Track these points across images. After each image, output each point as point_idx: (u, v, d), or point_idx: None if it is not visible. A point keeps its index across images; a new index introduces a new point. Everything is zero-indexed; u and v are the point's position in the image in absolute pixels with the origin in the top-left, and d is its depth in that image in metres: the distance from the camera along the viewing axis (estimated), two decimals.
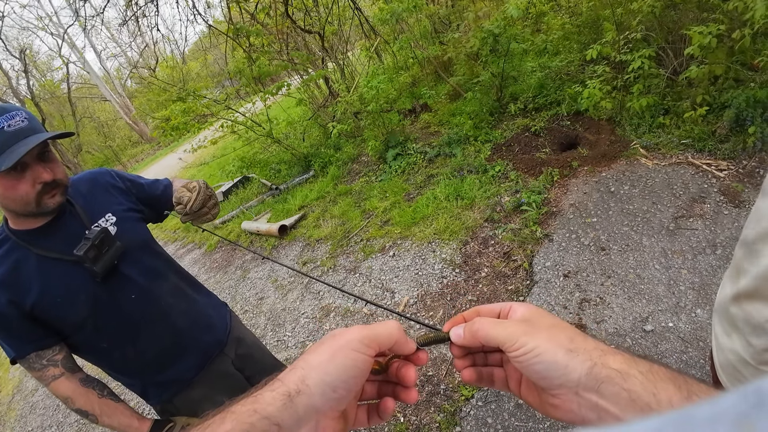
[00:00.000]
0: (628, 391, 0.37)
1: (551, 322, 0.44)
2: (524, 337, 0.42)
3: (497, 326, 0.45)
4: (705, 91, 3.39)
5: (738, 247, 0.78)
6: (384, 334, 0.45)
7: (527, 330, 0.43)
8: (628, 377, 0.38)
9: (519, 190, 3.71)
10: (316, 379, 0.41)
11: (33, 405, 4.17)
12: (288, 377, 0.42)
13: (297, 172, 6.54)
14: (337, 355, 0.42)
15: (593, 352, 0.41)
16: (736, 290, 0.77)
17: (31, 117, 1.11)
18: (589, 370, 0.39)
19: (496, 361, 0.52)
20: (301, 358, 0.44)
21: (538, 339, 0.42)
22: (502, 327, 0.45)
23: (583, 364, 0.40)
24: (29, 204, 1.13)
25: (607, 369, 0.39)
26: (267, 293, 4.04)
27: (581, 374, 0.39)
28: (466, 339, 0.47)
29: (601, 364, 0.39)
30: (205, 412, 1.38)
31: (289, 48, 6.82)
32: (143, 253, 1.38)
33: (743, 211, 2.70)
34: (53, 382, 1.21)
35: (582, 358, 0.40)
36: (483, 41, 4.63)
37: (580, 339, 0.42)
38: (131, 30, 13.91)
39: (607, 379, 0.38)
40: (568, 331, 0.43)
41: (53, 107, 24.59)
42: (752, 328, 0.73)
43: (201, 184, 1.34)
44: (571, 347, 0.41)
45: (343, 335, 0.44)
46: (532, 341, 0.42)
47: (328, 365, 0.42)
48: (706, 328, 2.15)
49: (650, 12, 3.48)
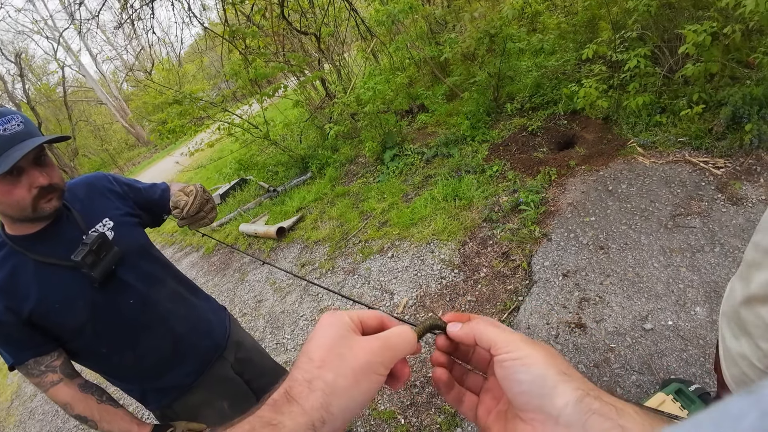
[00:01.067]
0: (623, 427, 0.33)
1: (551, 348, 0.41)
2: (521, 343, 0.40)
3: (496, 328, 0.43)
4: (701, 89, 3.40)
5: (749, 249, 0.78)
6: (402, 352, 0.43)
7: (526, 340, 0.41)
8: (623, 413, 0.34)
9: (517, 189, 3.72)
10: (341, 406, 0.39)
11: (32, 410, 4.15)
12: (309, 402, 0.38)
13: (294, 174, 6.53)
14: (361, 380, 0.40)
15: (587, 383, 0.37)
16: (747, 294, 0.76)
17: (27, 121, 1.10)
18: (579, 400, 0.35)
19: (474, 385, 0.49)
20: (316, 372, 0.40)
21: (534, 350, 0.39)
22: (501, 330, 0.43)
23: (574, 391, 0.36)
24: (25, 209, 1.12)
25: (600, 402, 0.35)
26: (265, 296, 4.03)
27: (568, 402, 0.35)
28: (462, 331, 0.45)
29: (594, 396, 0.35)
30: (204, 416, 1.37)
31: (286, 50, 6.81)
32: (141, 258, 1.37)
33: (741, 208, 2.71)
34: (52, 388, 1.20)
35: (575, 385, 0.36)
36: (479, 41, 4.64)
37: (575, 370, 0.39)
38: (127, 33, 13.88)
39: (600, 412, 0.34)
40: (565, 361, 0.40)
41: (49, 111, 24.50)
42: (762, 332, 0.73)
43: (198, 188, 1.33)
44: (566, 371, 0.37)
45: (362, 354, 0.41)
46: (528, 349, 0.39)
47: (352, 391, 0.39)
48: (706, 326, 2.15)
49: (646, 11, 3.49)
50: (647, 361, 2.11)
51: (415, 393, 2.45)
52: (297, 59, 6.35)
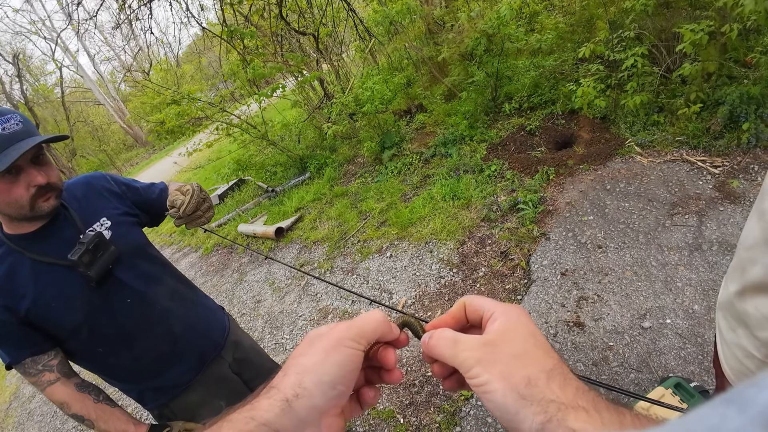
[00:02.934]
0: None
1: (516, 351, 0.39)
2: (478, 367, 0.39)
3: (454, 347, 0.42)
4: (698, 88, 3.40)
5: (740, 242, 0.78)
6: (370, 328, 0.45)
7: (482, 358, 0.39)
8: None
9: (515, 189, 3.72)
10: (314, 379, 0.41)
11: (30, 412, 4.14)
12: (283, 383, 0.41)
13: (293, 174, 6.53)
14: (330, 353, 0.42)
15: (550, 405, 0.35)
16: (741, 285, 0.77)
17: (25, 120, 1.10)
18: (541, 427, 0.34)
19: None
20: (291, 362, 0.43)
21: (492, 372, 0.38)
22: (459, 349, 0.41)
23: (535, 416, 0.34)
24: (23, 207, 1.12)
25: (563, 428, 0.33)
26: (264, 296, 4.03)
27: (531, 428, 0.34)
28: (425, 355, 0.46)
29: (557, 421, 0.34)
30: (202, 416, 1.36)
31: (284, 50, 6.81)
32: (139, 257, 1.37)
33: (738, 207, 2.71)
34: (49, 388, 1.20)
35: (535, 409, 0.35)
36: (476, 41, 4.64)
37: (541, 382, 0.36)
38: (125, 33, 13.88)
39: None
40: (530, 368, 0.37)
41: (47, 111, 24.46)
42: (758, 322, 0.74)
43: (195, 187, 1.33)
44: (525, 392, 0.36)
45: (331, 334, 0.44)
46: (485, 374, 0.38)
47: (323, 364, 0.41)
48: (704, 324, 2.16)
49: (643, 11, 3.50)
50: (646, 360, 2.11)
51: (414, 392, 2.45)
52: (295, 59, 6.35)
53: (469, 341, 0.42)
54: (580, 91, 3.86)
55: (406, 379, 2.54)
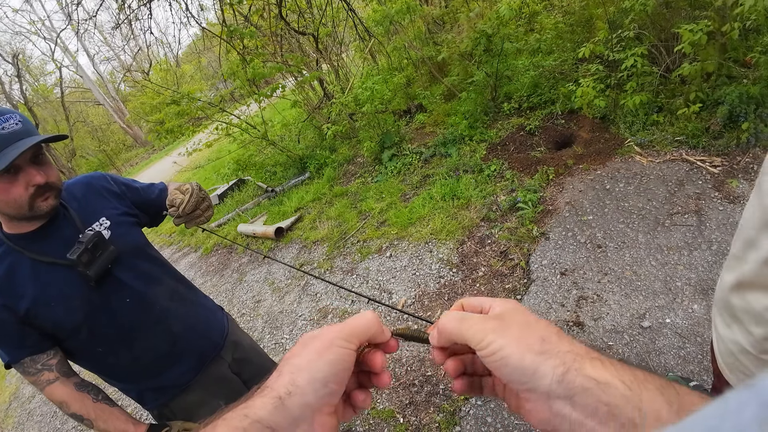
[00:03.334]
0: (607, 404, 0.33)
1: (525, 320, 0.42)
2: (491, 335, 0.40)
3: (463, 322, 0.43)
4: (698, 88, 3.40)
5: (736, 237, 0.78)
6: (362, 328, 0.45)
7: (496, 327, 0.41)
8: (607, 388, 0.34)
9: (515, 189, 3.72)
10: (306, 378, 0.41)
11: (30, 412, 4.14)
12: (276, 383, 0.42)
13: (292, 174, 6.53)
14: (323, 353, 0.43)
15: (567, 355, 0.37)
16: (735, 280, 0.77)
17: (25, 120, 1.11)
18: (561, 377, 0.36)
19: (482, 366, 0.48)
20: (284, 363, 0.44)
21: (506, 337, 0.39)
22: (469, 324, 0.43)
23: (554, 369, 0.36)
24: (22, 207, 1.12)
25: (582, 377, 0.35)
26: (264, 296, 4.03)
27: (552, 380, 0.36)
28: (437, 339, 0.47)
29: (576, 370, 0.36)
30: (201, 416, 1.37)
31: (283, 50, 6.80)
32: (138, 257, 1.37)
33: (738, 206, 2.71)
34: (48, 387, 1.20)
35: (553, 362, 0.37)
36: (476, 41, 4.64)
37: (554, 339, 0.39)
38: (124, 33, 13.87)
39: (582, 389, 0.35)
40: (541, 331, 0.40)
41: (46, 112, 24.45)
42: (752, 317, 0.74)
43: (194, 187, 1.33)
44: (541, 349, 0.38)
45: (323, 336, 0.44)
46: (500, 340, 0.39)
47: (316, 363, 0.42)
48: (703, 323, 2.16)
49: (642, 10, 3.49)
50: (645, 359, 2.11)
51: (413, 392, 2.45)
52: (295, 59, 6.35)
53: (478, 317, 0.44)
54: (579, 91, 3.87)
55: (406, 378, 2.54)
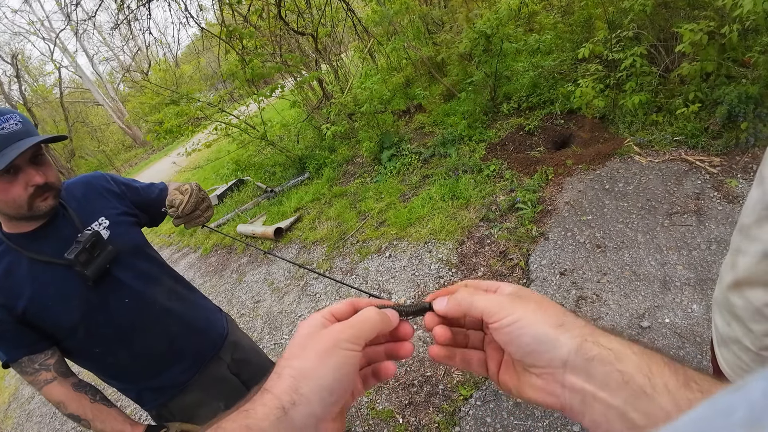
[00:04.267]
0: (621, 372, 0.35)
1: (540, 298, 0.43)
2: (511, 306, 0.41)
3: (483, 295, 0.44)
4: (697, 87, 3.41)
5: (735, 234, 0.79)
6: (367, 329, 0.44)
7: (514, 300, 0.42)
8: (621, 357, 0.36)
9: (514, 189, 3.72)
10: (311, 386, 0.39)
11: (29, 413, 4.13)
12: (277, 387, 0.40)
13: (292, 175, 6.52)
14: (327, 357, 0.41)
15: (584, 328, 0.39)
16: (734, 278, 0.77)
17: (25, 120, 1.11)
18: (579, 346, 0.37)
19: (475, 341, 0.50)
20: (284, 363, 0.42)
21: (526, 310, 0.40)
22: (488, 297, 0.43)
23: (573, 339, 0.37)
24: (21, 207, 1.12)
25: (598, 347, 0.37)
26: (263, 296, 4.03)
27: (570, 350, 0.37)
28: (450, 306, 0.46)
29: (592, 342, 0.37)
30: (200, 417, 1.36)
31: (282, 50, 6.80)
32: (136, 257, 1.37)
33: (737, 206, 2.72)
34: (45, 387, 1.20)
35: (572, 333, 0.38)
36: (474, 42, 4.64)
37: (570, 316, 0.40)
38: (123, 34, 13.86)
39: (599, 357, 0.36)
40: (558, 308, 0.41)
41: (45, 112, 24.43)
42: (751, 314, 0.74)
43: (193, 187, 1.33)
44: (560, 322, 0.39)
45: (325, 335, 0.42)
46: (520, 311, 0.40)
47: (320, 369, 0.40)
48: (702, 323, 2.16)
49: (641, 10, 3.50)
50: None
51: (413, 392, 2.45)
52: (294, 59, 6.35)
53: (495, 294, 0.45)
54: (578, 91, 3.87)
55: (405, 379, 2.54)
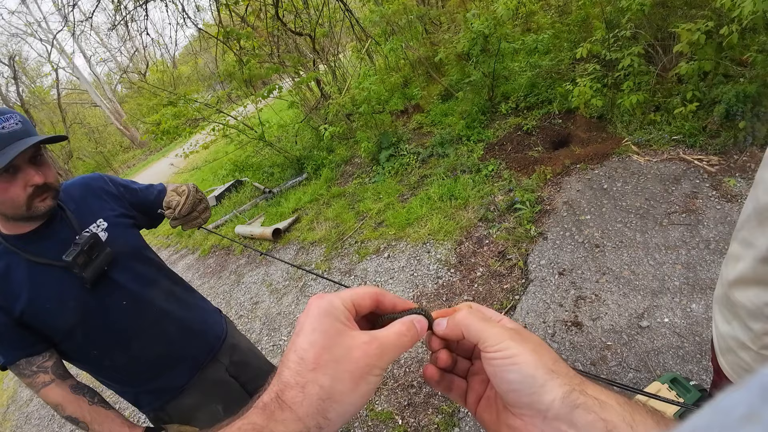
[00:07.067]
0: (605, 421, 0.34)
1: (539, 341, 0.42)
2: (509, 340, 0.40)
3: (484, 322, 0.43)
4: (695, 87, 3.41)
5: (734, 235, 0.79)
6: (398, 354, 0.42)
7: (514, 336, 0.41)
8: (605, 406, 0.35)
9: (512, 189, 3.72)
10: (339, 411, 0.37)
11: (28, 416, 4.12)
12: (302, 408, 0.36)
13: (290, 175, 6.51)
14: (361, 383, 0.38)
15: (573, 378, 0.38)
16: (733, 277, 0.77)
17: (24, 120, 1.11)
18: (566, 396, 0.36)
19: (461, 370, 0.49)
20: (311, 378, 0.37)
21: (523, 348, 0.39)
22: (489, 325, 0.42)
23: (561, 387, 0.37)
24: (20, 207, 1.12)
25: (584, 396, 0.36)
26: (262, 297, 4.02)
27: (556, 398, 0.36)
28: (449, 328, 0.45)
29: (579, 391, 0.37)
30: (198, 419, 1.35)
31: (280, 50, 6.79)
32: (134, 259, 1.36)
33: (735, 205, 2.72)
34: (43, 389, 1.19)
35: (561, 381, 0.37)
36: (472, 42, 4.64)
37: (563, 364, 0.40)
38: (121, 34, 13.84)
39: (584, 405, 0.35)
40: (553, 354, 0.40)
41: (43, 114, 24.35)
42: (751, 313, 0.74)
43: (190, 188, 1.33)
44: (553, 368, 0.38)
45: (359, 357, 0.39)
46: (517, 347, 0.39)
47: (352, 396, 0.38)
48: (702, 322, 2.16)
49: (639, 10, 3.50)
50: (644, 359, 2.11)
51: (412, 393, 2.44)
52: (292, 60, 6.34)
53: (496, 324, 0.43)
54: (576, 90, 3.87)
55: (404, 380, 2.53)
